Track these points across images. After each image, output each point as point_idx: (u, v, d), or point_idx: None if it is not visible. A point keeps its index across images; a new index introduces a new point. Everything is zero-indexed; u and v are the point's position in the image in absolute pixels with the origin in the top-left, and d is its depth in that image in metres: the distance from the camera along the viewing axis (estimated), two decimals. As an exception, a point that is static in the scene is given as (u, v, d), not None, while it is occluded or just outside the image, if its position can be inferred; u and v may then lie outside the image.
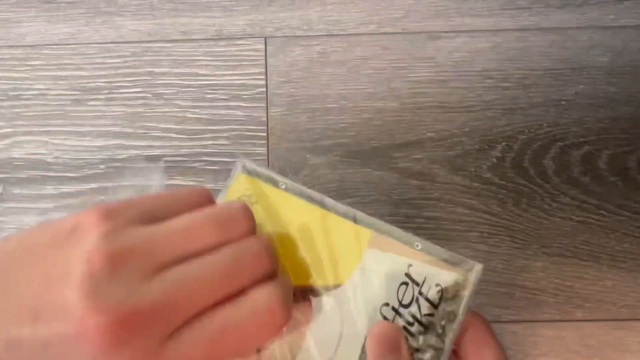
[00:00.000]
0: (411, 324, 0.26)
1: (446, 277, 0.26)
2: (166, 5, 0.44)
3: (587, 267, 0.40)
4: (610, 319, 0.40)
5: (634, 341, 0.39)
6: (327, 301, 0.26)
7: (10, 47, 0.44)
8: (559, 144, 0.41)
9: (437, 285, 0.26)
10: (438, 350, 0.25)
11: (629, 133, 0.41)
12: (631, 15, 0.43)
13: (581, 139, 0.41)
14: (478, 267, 0.26)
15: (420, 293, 0.26)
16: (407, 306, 0.26)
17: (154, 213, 0.23)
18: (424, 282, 0.26)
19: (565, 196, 0.41)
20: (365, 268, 0.26)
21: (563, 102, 0.42)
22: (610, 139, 0.41)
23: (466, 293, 0.26)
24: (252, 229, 0.24)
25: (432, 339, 0.25)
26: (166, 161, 0.42)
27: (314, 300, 0.26)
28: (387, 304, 0.26)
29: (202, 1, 0.44)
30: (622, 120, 0.41)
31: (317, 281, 0.26)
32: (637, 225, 0.40)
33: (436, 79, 0.42)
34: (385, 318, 0.26)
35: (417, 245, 0.26)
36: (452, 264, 0.26)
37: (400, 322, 0.26)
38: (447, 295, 0.26)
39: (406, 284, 0.26)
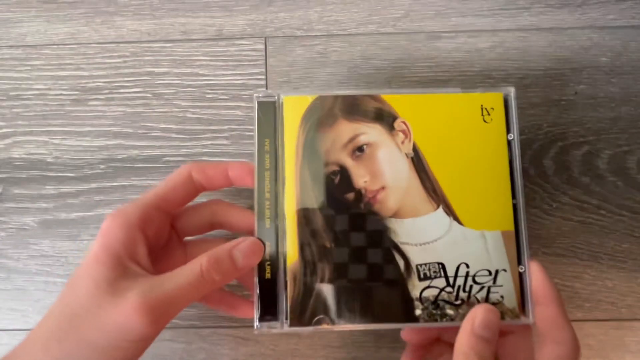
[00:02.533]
0: None
1: None
2: (166, 5, 0.44)
3: (587, 267, 0.40)
4: (610, 319, 0.40)
5: (634, 341, 0.39)
6: None
7: (10, 47, 0.44)
8: (559, 144, 0.41)
9: None
10: None
11: (629, 133, 0.41)
12: (631, 15, 0.43)
13: (581, 139, 0.41)
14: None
15: None
16: None
17: None
18: None
19: (565, 196, 0.41)
20: None
21: (563, 102, 0.42)
22: (610, 139, 0.41)
23: None
24: None
25: None
26: (166, 161, 0.42)
27: None
28: None
29: (202, 1, 0.44)
30: (622, 120, 0.41)
31: None
32: (637, 225, 0.40)
33: (436, 79, 0.42)
34: None
35: None
36: None
37: None
38: None
39: None
